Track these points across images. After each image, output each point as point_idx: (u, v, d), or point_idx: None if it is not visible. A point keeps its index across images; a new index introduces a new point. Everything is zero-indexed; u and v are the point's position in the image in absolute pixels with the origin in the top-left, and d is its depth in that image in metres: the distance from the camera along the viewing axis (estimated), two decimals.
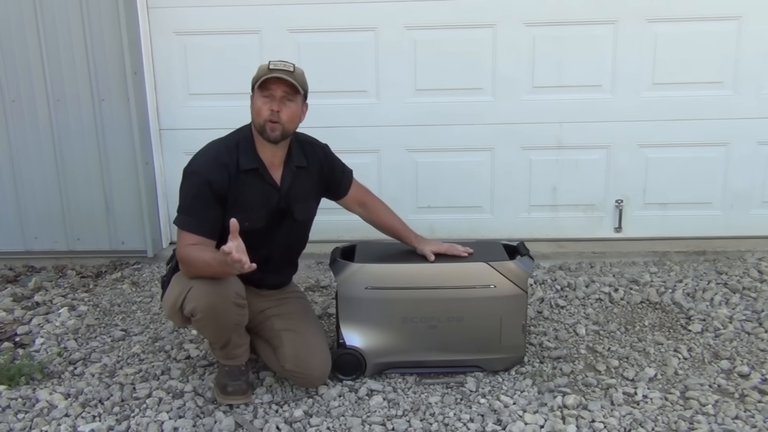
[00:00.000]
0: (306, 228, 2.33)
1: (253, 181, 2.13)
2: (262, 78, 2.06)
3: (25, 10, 3.28)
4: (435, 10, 3.37)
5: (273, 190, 2.16)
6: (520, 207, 3.60)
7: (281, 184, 2.18)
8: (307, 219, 2.31)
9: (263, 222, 2.15)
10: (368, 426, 2.03)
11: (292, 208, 2.20)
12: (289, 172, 2.19)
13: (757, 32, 3.33)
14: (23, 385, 2.32)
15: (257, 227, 2.13)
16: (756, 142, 3.47)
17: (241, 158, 2.11)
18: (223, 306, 2.00)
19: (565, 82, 3.43)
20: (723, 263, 3.29)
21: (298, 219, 2.23)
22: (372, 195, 2.45)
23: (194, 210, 2.06)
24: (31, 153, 3.44)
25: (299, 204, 2.22)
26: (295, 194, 2.20)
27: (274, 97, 2.07)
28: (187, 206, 2.08)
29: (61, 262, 3.57)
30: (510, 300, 2.25)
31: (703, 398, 2.13)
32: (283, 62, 2.10)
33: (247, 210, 2.10)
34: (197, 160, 2.12)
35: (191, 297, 1.99)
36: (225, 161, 2.09)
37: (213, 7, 3.41)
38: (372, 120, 3.51)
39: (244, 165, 2.11)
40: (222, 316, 2.02)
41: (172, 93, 3.52)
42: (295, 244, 2.34)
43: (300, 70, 2.13)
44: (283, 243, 2.25)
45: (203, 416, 2.11)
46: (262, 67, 2.10)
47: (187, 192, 2.09)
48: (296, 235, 2.31)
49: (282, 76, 2.05)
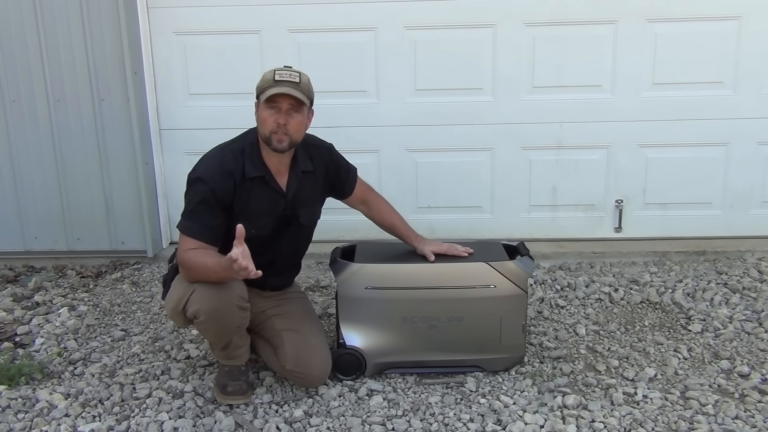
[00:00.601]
0: (311, 231, 2.33)
1: (258, 189, 2.12)
2: (269, 93, 2.03)
3: (25, 10, 3.28)
4: (435, 10, 3.37)
5: (279, 197, 2.16)
6: (520, 207, 3.60)
7: (287, 191, 2.17)
8: (312, 223, 2.30)
9: (269, 229, 2.15)
10: (368, 426, 2.03)
11: (297, 214, 2.20)
12: (295, 177, 2.18)
13: (757, 32, 3.33)
14: (23, 385, 2.32)
15: (263, 234, 2.13)
16: (756, 142, 3.47)
17: (247, 165, 2.10)
18: (227, 309, 2.00)
19: (565, 82, 3.43)
20: (723, 263, 3.29)
21: (303, 224, 2.23)
22: (375, 192, 2.45)
23: (197, 216, 2.05)
24: (31, 153, 3.44)
25: (305, 209, 2.22)
26: (300, 199, 2.20)
27: (280, 109, 2.04)
28: (190, 212, 2.07)
29: (61, 262, 3.57)
30: (510, 300, 2.25)
31: (703, 398, 2.13)
32: (288, 72, 2.06)
33: (253, 218, 2.09)
34: (202, 165, 2.10)
35: (194, 299, 1.99)
36: (230, 168, 2.07)
37: (213, 7, 3.41)
38: (372, 120, 3.51)
39: (250, 173, 2.09)
40: (225, 319, 2.02)
41: (172, 93, 3.52)
42: (300, 247, 2.34)
43: (306, 78, 2.10)
44: (289, 247, 2.26)
45: (203, 416, 2.11)
46: (268, 77, 2.06)
47: (192, 198, 2.07)
48: (301, 239, 2.31)
49: (290, 92, 2.02)
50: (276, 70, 2.06)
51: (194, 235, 2.04)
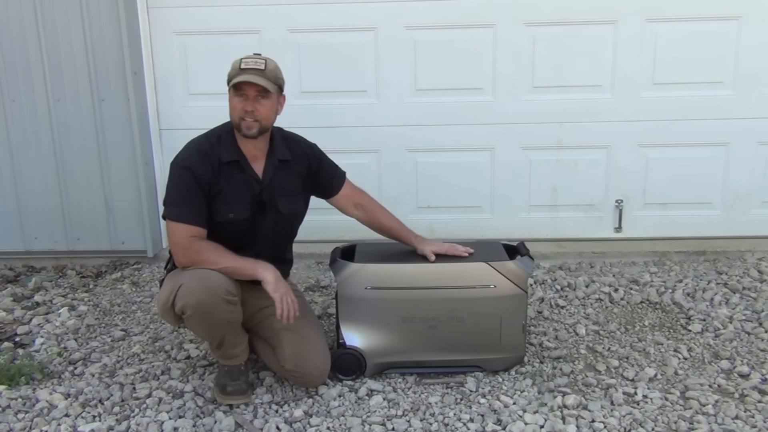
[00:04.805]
0: (293, 223, 2.33)
1: (235, 174, 2.15)
2: (234, 81, 2.08)
3: (25, 10, 3.28)
4: (435, 10, 3.37)
5: (255, 182, 2.18)
6: (520, 207, 3.60)
7: (263, 177, 2.19)
8: (294, 213, 2.29)
9: (247, 213, 2.17)
10: (368, 426, 2.03)
11: (275, 201, 2.21)
12: (271, 165, 2.21)
13: (757, 32, 3.33)
14: (23, 385, 2.32)
15: (241, 218, 2.16)
16: (756, 142, 3.47)
17: (222, 151, 2.15)
18: (213, 302, 2.00)
19: (565, 82, 3.43)
20: (723, 263, 3.29)
21: (283, 212, 2.24)
22: (368, 197, 2.44)
23: (184, 201, 2.10)
24: (31, 153, 3.44)
25: (283, 197, 2.23)
26: (278, 187, 2.22)
27: (247, 96, 2.09)
28: (176, 197, 2.11)
29: (61, 262, 3.57)
30: (510, 300, 2.25)
31: (703, 398, 2.13)
32: (254, 59, 2.11)
33: (230, 201, 2.14)
34: (182, 153, 2.16)
35: (181, 294, 2.00)
36: (207, 152, 2.13)
37: (213, 7, 3.41)
38: (372, 120, 3.51)
39: (225, 157, 2.14)
40: (212, 313, 2.02)
41: (172, 93, 3.52)
42: (282, 238, 2.34)
43: (272, 65, 2.14)
44: (270, 237, 2.25)
45: (203, 416, 2.11)
46: (235, 65, 2.12)
47: (176, 184, 2.12)
48: (282, 230, 2.30)
49: (253, 80, 2.06)
50: (243, 58, 2.12)
51: (188, 221, 2.08)
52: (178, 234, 2.08)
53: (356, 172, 2.43)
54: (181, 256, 2.08)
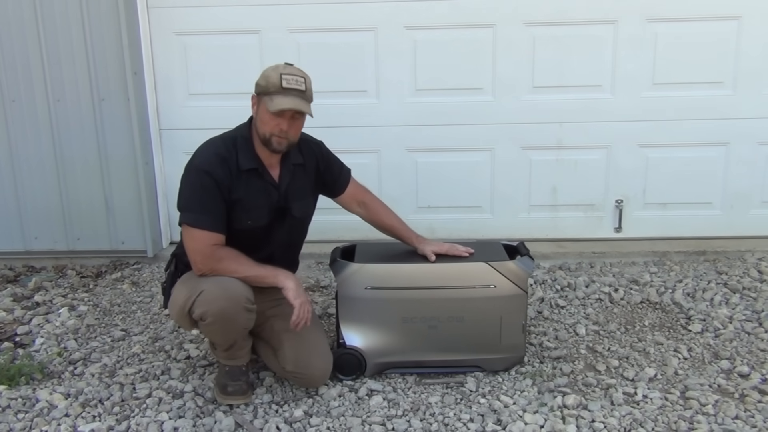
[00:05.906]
0: (305, 225, 2.33)
1: (253, 181, 2.12)
2: (278, 106, 2.00)
3: (25, 11, 3.28)
4: (435, 10, 3.37)
5: (273, 189, 2.16)
6: (520, 207, 3.60)
7: (280, 182, 2.18)
8: (306, 216, 2.30)
9: (265, 220, 2.15)
10: (368, 426, 2.03)
11: (290, 206, 2.20)
12: (287, 170, 2.19)
13: (757, 32, 3.33)
14: (23, 385, 2.32)
15: (259, 225, 2.14)
16: (756, 142, 3.47)
17: (240, 157, 2.10)
18: (234, 311, 2.00)
19: (565, 82, 3.43)
20: (723, 263, 3.29)
21: (297, 216, 2.23)
22: (371, 195, 2.44)
23: (204, 206, 2.04)
24: (31, 153, 3.44)
25: (298, 201, 2.22)
26: (293, 192, 2.20)
27: (284, 115, 2.04)
28: (195, 203, 2.04)
29: (61, 262, 3.57)
30: (510, 300, 2.25)
31: (703, 398, 2.13)
32: (295, 77, 2.03)
33: (249, 209, 2.10)
34: (198, 156, 2.09)
35: (201, 301, 1.98)
36: (225, 157, 2.08)
37: (213, 7, 3.41)
38: (372, 120, 3.51)
39: (243, 165, 2.10)
40: (232, 321, 2.02)
41: (172, 93, 3.52)
42: (295, 241, 2.34)
43: (309, 83, 2.09)
44: (285, 241, 2.25)
45: (203, 416, 2.11)
46: (274, 80, 2.02)
47: (194, 188, 2.05)
48: (296, 233, 2.31)
49: (299, 108, 2.02)
50: (282, 73, 2.02)
51: (209, 227, 2.03)
52: (198, 241, 2.03)
53: (356, 172, 2.43)
54: (201, 264, 2.03)
